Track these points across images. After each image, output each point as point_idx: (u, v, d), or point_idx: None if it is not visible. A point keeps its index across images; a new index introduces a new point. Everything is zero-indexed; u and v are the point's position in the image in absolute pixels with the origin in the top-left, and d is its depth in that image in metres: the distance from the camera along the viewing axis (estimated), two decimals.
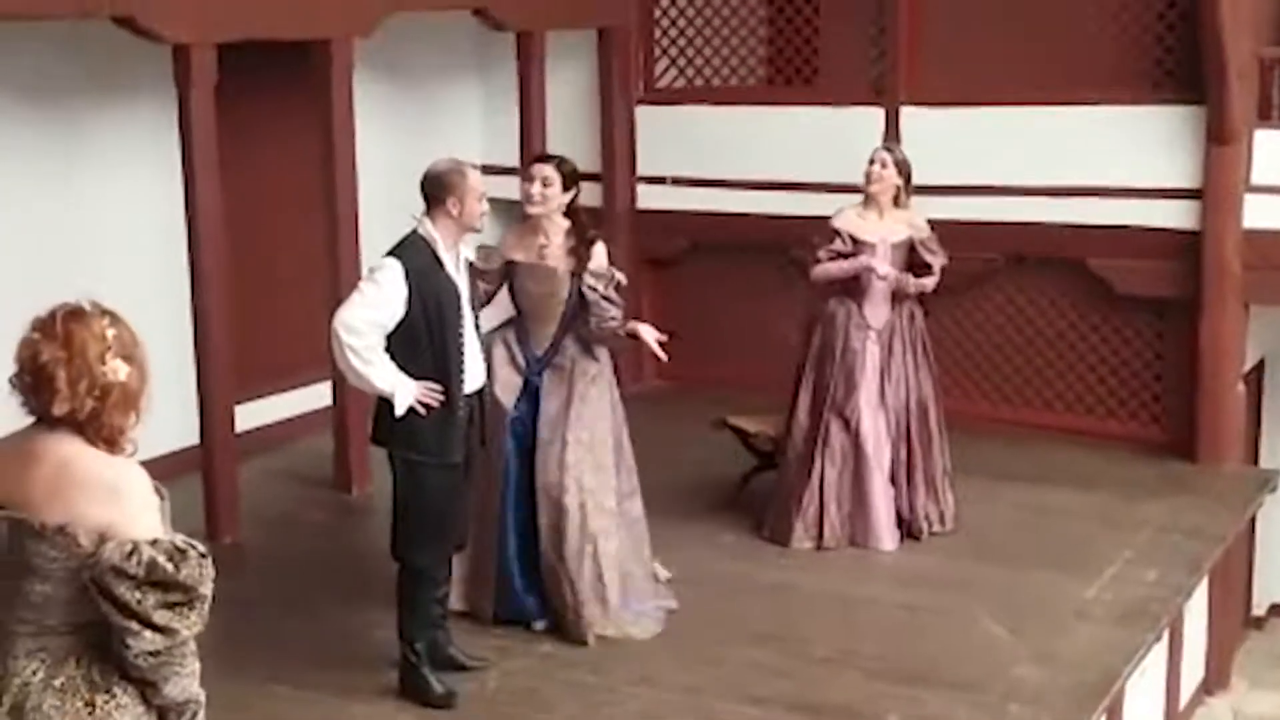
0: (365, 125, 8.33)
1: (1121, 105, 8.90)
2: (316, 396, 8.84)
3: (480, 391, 5.84)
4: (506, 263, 6.25)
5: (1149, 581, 7.09)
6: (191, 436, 7.62)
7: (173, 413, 7.14)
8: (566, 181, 6.15)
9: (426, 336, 5.55)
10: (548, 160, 6.27)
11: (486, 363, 6.04)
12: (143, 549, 3.15)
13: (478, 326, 5.81)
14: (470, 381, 5.70)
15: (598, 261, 6.19)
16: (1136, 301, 9.03)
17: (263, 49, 7.49)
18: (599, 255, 6.20)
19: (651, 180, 10.34)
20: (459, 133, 10.27)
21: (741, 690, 5.96)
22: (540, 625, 6.38)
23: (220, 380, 7.59)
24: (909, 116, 9.40)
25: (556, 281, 6.18)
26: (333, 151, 8.06)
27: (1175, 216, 8.75)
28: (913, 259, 7.46)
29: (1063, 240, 9.06)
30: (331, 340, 5.52)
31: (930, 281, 7.44)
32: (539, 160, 6.31)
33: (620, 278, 6.26)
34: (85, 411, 3.21)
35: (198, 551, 3.23)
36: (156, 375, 3.36)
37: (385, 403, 5.58)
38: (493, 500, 6.30)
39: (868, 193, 7.43)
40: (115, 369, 3.23)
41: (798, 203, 9.32)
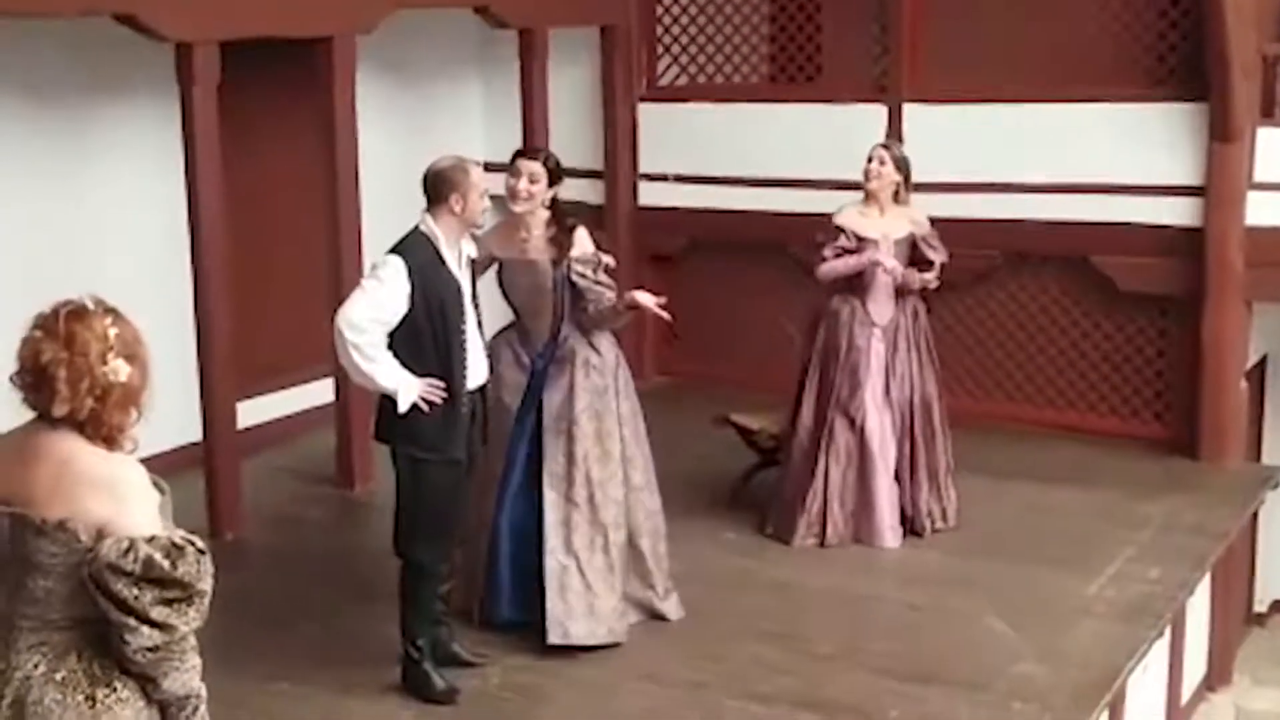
0: (367, 123, 8.34)
1: (1124, 102, 8.88)
2: (319, 393, 8.84)
3: (483, 388, 5.84)
4: (492, 258, 6.21)
5: (1151, 578, 7.09)
6: (194, 433, 7.64)
7: (175, 409, 7.14)
8: (551, 177, 6.11)
9: (429, 333, 5.55)
10: (533, 156, 6.17)
11: (493, 369, 6.03)
12: (139, 546, 3.16)
13: (480, 323, 5.81)
14: (473, 378, 5.70)
15: (580, 248, 6.13)
16: (1139, 299, 9.02)
17: (265, 47, 7.50)
18: (581, 241, 6.14)
19: (653, 177, 10.34)
20: (461, 130, 10.27)
21: (745, 687, 5.96)
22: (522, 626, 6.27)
23: (222, 377, 7.60)
24: (911, 114, 9.39)
25: (541, 273, 6.13)
26: (335, 149, 8.07)
27: (1178, 214, 8.73)
28: (914, 255, 7.47)
29: (1065, 237, 9.05)
30: (334, 337, 5.52)
31: (934, 276, 7.44)
32: (524, 156, 6.17)
33: (607, 260, 6.19)
34: (85, 411, 3.21)
35: (196, 548, 3.23)
36: (159, 372, 3.36)
37: (388, 400, 5.58)
38: (487, 504, 6.25)
39: (868, 190, 7.44)
40: (117, 369, 3.23)
41: (800, 200, 9.31)
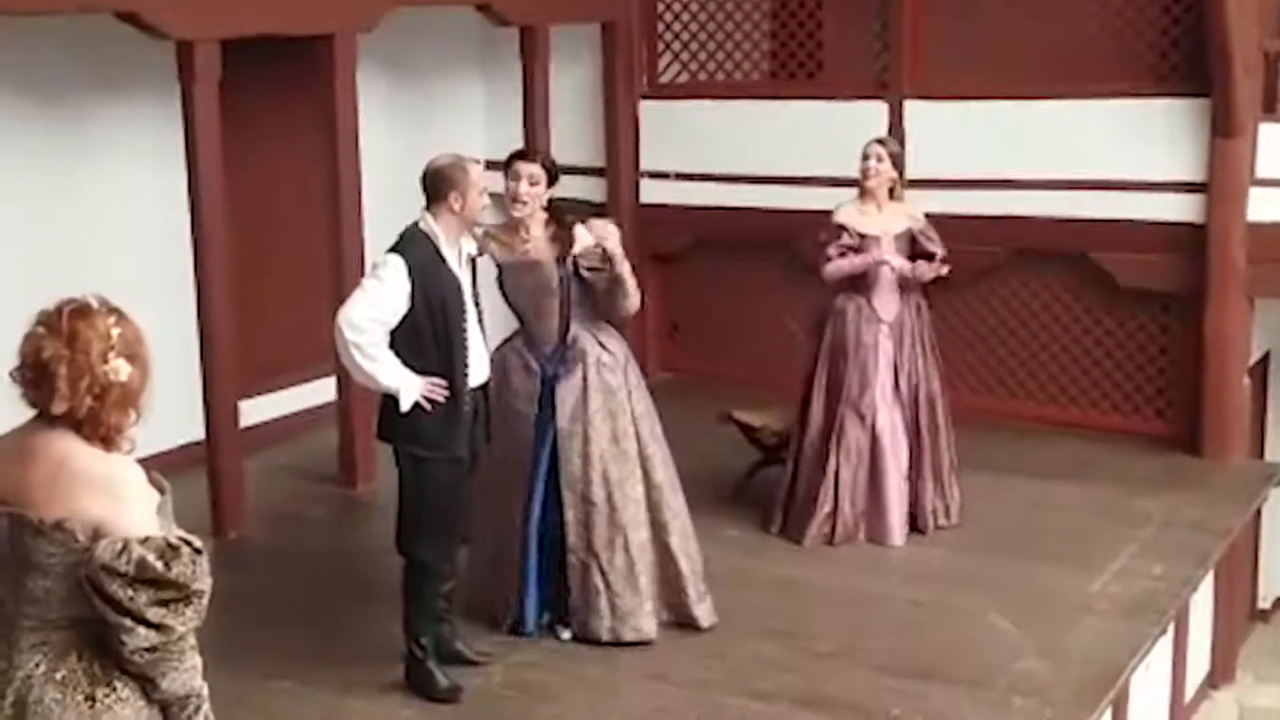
0: (369, 120, 8.33)
1: (1126, 98, 8.86)
2: (321, 391, 8.84)
3: (485, 386, 5.84)
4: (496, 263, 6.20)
5: (1154, 575, 7.08)
6: (196, 432, 7.64)
7: (178, 408, 7.16)
8: (550, 177, 6.04)
9: (430, 332, 5.54)
10: (531, 158, 6.09)
11: (504, 380, 6.03)
12: (133, 547, 3.14)
13: (481, 321, 5.80)
14: (475, 376, 5.70)
15: (582, 243, 6.08)
16: (1141, 295, 9.01)
17: (266, 44, 7.49)
18: (583, 237, 6.09)
19: (655, 175, 10.33)
20: (462, 128, 10.27)
21: (747, 684, 5.96)
22: (566, 635, 6.32)
23: (225, 375, 7.61)
24: (913, 110, 9.38)
25: (546, 273, 6.09)
26: (336, 147, 8.06)
27: (1180, 210, 8.72)
28: (914, 249, 7.46)
29: (1067, 234, 9.04)
30: (335, 337, 5.52)
31: (941, 267, 7.40)
32: (522, 159, 6.07)
33: (606, 246, 6.07)
34: (83, 410, 3.21)
35: (191, 548, 3.22)
36: (161, 370, 3.36)
37: (390, 398, 5.57)
38: (514, 513, 6.19)
39: (866, 188, 7.43)
40: (117, 368, 3.23)
41: (801, 197, 9.30)
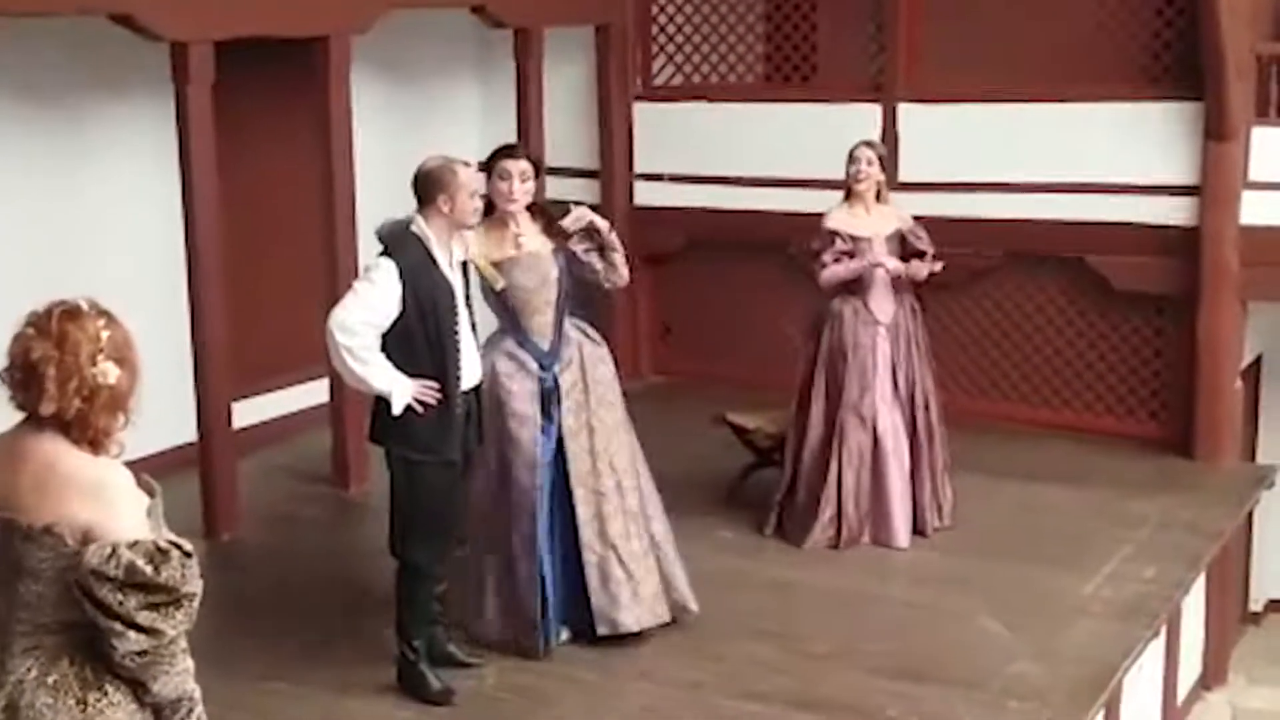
0: (363, 122, 8.33)
1: (1119, 101, 8.89)
2: (314, 393, 8.83)
3: (477, 388, 5.83)
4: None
5: (1147, 578, 7.09)
6: (189, 433, 7.64)
7: (170, 409, 7.16)
8: (535, 171, 6.08)
9: (422, 335, 5.54)
10: (519, 155, 6.09)
11: (497, 383, 6.03)
12: (121, 552, 3.13)
13: (473, 324, 5.80)
14: (467, 379, 5.70)
15: (574, 225, 6.12)
16: (1134, 298, 9.03)
17: (260, 46, 7.49)
18: (569, 224, 6.12)
19: (649, 177, 10.34)
20: (457, 130, 10.26)
21: (742, 686, 5.96)
22: (565, 635, 6.28)
23: (218, 376, 7.60)
24: (907, 113, 9.40)
25: (545, 265, 6.08)
26: (330, 149, 8.06)
27: (1173, 213, 8.74)
28: (904, 249, 7.47)
29: (1060, 237, 9.05)
30: (327, 341, 5.51)
31: (934, 264, 7.40)
32: (509, 156, 6.05)
33: (591, 219, 6.13)
34: (71, 412, 3.20)
35: (181, 551, 3.20)
36: (154, 371, 3.36)
37: (383, 401, 5.56)
38: (524, 527, 6.07)
39: (855, 191, 7.42)
40: (106, 371, 3.22)
41: (796, 199, 9.30)
